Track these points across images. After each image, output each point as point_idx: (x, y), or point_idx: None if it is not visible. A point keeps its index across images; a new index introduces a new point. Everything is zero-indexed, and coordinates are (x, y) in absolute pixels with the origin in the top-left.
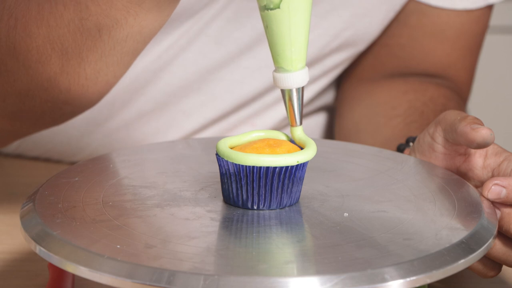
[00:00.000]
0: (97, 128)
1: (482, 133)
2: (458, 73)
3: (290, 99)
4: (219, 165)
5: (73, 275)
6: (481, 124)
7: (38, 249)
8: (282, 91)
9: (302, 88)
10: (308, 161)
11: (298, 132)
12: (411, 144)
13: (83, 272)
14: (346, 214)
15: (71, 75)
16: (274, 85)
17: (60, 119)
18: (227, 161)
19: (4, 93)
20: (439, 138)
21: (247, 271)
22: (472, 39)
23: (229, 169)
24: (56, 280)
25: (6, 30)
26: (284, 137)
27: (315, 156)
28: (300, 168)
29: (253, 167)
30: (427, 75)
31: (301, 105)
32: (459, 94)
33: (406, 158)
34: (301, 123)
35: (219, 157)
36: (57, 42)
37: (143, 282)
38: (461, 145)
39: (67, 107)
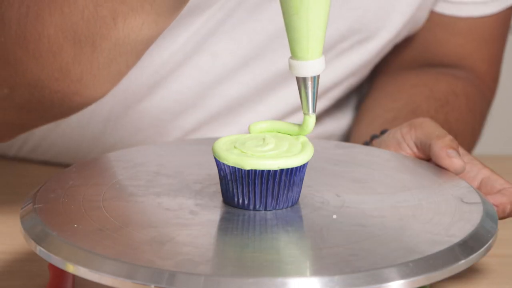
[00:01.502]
0: (93, 142)
1: (455, 165)
2: (476, 64)
3: (305, 87)
4: (217, 166)
5: (73, 276)
6: (457, 148)
7: (38, 250)
8: (298, 78)
9: (318, 76)
10: (307, 163)
11: (311, 121)
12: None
13: (83, 272)
14: (334, 216)
15: (83, 64)
16: (289, 70)
17: (68, 112)
18: (223, 163)
19: (12, 84)
20: (411, 141)
21: (247, 272)
22: (486, 31)
23: (225, 169)
24: (56, 280)
25: (17, 18)
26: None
27: (314, 157)
28: (299, 170)
29: (250, 170)
30: (445, 66)
31: (316, 94)
32: (479, 86)
33: (405, 157)
34: (314, 111)
35: (215, 158)
36: (69, 30)
37: (143, 283)
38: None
39: (76, 98)
